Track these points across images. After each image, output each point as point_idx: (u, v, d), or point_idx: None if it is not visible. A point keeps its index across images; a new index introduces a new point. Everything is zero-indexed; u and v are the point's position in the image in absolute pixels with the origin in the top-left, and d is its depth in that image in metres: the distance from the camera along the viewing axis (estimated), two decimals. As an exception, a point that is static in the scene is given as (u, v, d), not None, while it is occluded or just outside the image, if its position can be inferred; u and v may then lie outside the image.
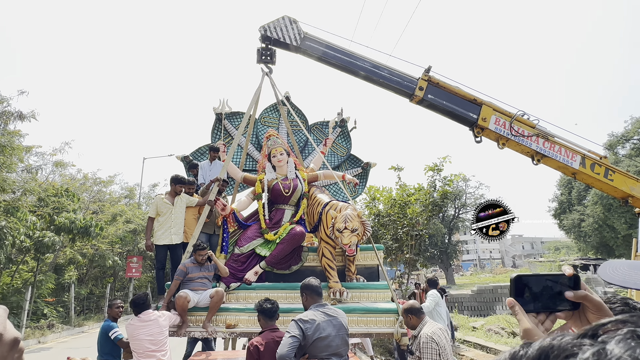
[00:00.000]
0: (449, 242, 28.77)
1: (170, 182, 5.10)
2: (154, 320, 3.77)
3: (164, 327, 3.82)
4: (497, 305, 16.66)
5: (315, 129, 6.40)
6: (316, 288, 2.98)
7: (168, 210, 4.97)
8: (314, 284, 3.01)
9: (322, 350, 2.68)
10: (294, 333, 2.64)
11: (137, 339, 3.68)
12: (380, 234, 11.52)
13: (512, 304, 0.78)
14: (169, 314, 4.03)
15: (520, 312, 0.77)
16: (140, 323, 3.74)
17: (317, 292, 2.98)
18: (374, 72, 5.86)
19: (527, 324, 0.76)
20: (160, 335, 3.74)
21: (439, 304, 5.93)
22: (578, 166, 5.76)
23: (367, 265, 5.07)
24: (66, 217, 12.17)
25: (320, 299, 2.98)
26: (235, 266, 4.79)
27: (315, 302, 2.93)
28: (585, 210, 22.52)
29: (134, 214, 17.76)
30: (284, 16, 5.71)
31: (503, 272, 35.33)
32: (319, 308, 2.87)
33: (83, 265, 15.91)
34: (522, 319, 0.77)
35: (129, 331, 3.75)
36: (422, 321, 3.32)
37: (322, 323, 2.74)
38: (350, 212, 4.31)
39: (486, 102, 5.88)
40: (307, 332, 2.66)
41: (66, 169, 15.39)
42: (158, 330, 3.74)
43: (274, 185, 5.23)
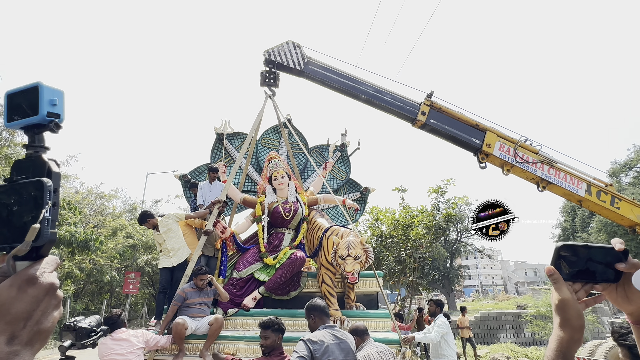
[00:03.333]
0: (450, 266, 28.37)
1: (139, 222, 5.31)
2: (125, 339, 3.60)
3: (136, 345, 3.63)
4: (500, 333, 16.27)
5: (315, 152, 6.41)
6: (324, 309, 2.93)
7: (162, 239, 5.05)
8: (321, 305, 2.95)
9: None
10: (302, 354, 2.57)
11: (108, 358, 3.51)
12: (383, 255, 11.38)
13: (552, 271, 0.80)
14: (144, 332, 3.85)
15: (559, 280, 0.79)
16: (112, 342, 3.58)
17: (325, 312, 2.92)
18: (376, 96, 5.89)
19: (566, 293, 0.78)
20: (131, 355, 3.56)
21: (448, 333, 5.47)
22: (584, 194, 5.67)
23: (367, 293, 4.98)
24: (67, 230, 12.14)
25: (328, 319, 2.92)
26: (234, 291, 4.71)
27: (324, 323, 2.86)
28: (590, 238, 22.24)
29: (134, 229, 17.71)
30: (287, 41, 5.79)
31: (506, 298, 34.56)
32: (328, 329, 2.79)
33: (80, 279, 15.76)
34: (561, 288, 0.78)
35: (101, 351, 3.55)
36: (363, 342, 3.24)
37: (331, 345, 2.67)
38: (352, 239, 4.25)
39: (489, 128, 5.87)
40: (315, 354, 2.58)
41: (70, 182, 15.49)
42: (130, 349, 3.57)
43: (274, 208, 5.19)
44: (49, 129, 0.66)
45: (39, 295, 0.59)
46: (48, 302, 0.60)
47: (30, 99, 0.65)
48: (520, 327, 16.48)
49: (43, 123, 0.65)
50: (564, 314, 0.77)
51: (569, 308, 0.77)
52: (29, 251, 0.58)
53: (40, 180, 0.61)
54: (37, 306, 0.59)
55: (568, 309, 0.77)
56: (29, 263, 0.60)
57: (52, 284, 0.60)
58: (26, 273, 0.59)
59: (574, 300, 0.78)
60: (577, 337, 0.76)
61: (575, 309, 0.77)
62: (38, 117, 0.64)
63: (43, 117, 0.64)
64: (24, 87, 0.66)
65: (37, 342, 0.59)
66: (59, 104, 0.66)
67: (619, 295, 0.80)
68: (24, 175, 0.63)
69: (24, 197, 0.60)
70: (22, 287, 0.58)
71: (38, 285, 0.59)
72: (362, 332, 3.29)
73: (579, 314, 0.77)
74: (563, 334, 0.76)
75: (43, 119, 0.64)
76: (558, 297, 0.78)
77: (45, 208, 0.59)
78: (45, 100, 0.64)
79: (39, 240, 0.58)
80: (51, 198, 0.61)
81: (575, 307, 0.77)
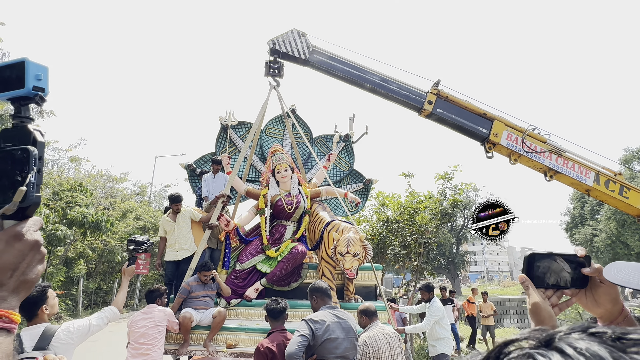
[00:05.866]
0: (457, 252, 28.46)
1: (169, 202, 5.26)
2: (150, 317, 3.80)
3: (158, 322, 3.81)
4: (505, 318, 16.41)
5: (319, 142, 6.37)
6: (326, 290, 3.02)
7: (171, 228, 5.10)
8: (323, 286, 3.04)
9: (330, 352, 2.70)
10: (304, 332, 2.67)
11: (133, 330, 3.75)
12: (389, 240, 11.46)
13: (523, 279, 0.86)
14: (169, 312, 4.02)
15: (531, 287, 0.84)
16: (142, 315, 3.83)
17: (326, 294, 3.01)
18: (382, 85, 5.81)
19: (537, 298, 0.83)
20: (152, 330, 3.74)
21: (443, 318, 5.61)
22: (592, 183, 5.61)
23: (366, 285, 5.05)
24: (78, 212, 12.39)
25: (330, 300, 3.02)
26: (236, 282, 4.82)
27: (325, 304, 2.96)
28: (598, 225, 22.04)
29: (144, 211, 18.00)
30: (292, 29, 5.69)
31: (511, 285, 34.71)
32: (329, 310, 2.89)
33: (92, 259, 16.19)
34: (531, 294, 0.84)
35: (131, 320, 3.83)
36: (370, 324, 3.29)
37: (332, 325, 2.76)
38: (352, 236, 4.31)
39: (496, 117, 5.78)
40: (316, 333, 2.68)
41: (81, 164, 15.73)
42: (152, 324, 3.76)
43: (277, 200, 5.24)
44: (34, 102, 0.71)
45: (24, 249, 0.66)
46: (32, 256, 0.67)
47: (17, 73, 0.68)
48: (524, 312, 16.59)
49: (29, 96, 0.69)
50: (536, 316, 0.83)
51: (540, 310, 0.81)
52: (15, 211, 0.65)
53: (26, 148, 0.66)
54: (23, 259, 0.65)
55: (540, 312, 0.81)
56: (16, 222, 0.66)
57: (36, 240, 0.67)
58: (13, 230, 0.65)
59: (544, 303, 0.83)
60: None
61: (546, 311, 0.82)
62: (24, 90, 0.68)
63: (29, 90, 0.68)
64: (11, 61, 0.70)
65: (22, 291, 0.67)
66: (43, 79, 0.70)
67: (588, 300, 0.86)
68: (11, 143, 0.67)
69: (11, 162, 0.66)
70: (9, 241, 0.65)
71: (24, 241, 0.65)
72: (370, 313, 3.35)
73: (551, 315, 0.82)
74: None
75: (29, 92, 0.68)
76: (530, 302, 0.83)
77: (31, 173, 0.65)
78: (31, 75, 0.68)
79: (25, 201, 0.64)
80: (36, 164, 0.66)
81: (546, 309, 0.82)
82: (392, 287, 17.10)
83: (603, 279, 0.84)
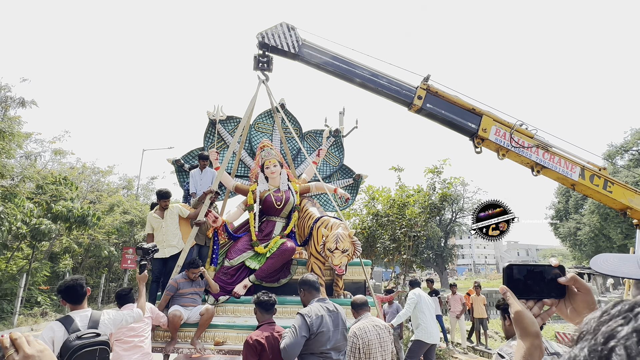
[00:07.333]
0: (445, 245, 28.81)
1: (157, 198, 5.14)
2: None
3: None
4: (491, 310, 16.70)
5: (309, 137, 6.33)
6: (314, 283, 3.01)
7: (159, 225, 5.00)
8: (311, 279, 3.03)
9: (322, 345, 2.71)
10: (304, 332, 2.65)
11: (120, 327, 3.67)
12: (378, 234, 11.53)
13: (504, 290, 0.88)
14: (151, 306, 3.95)
15: (512, 297, 0.86)
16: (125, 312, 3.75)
17: (314, 286, 3.00)
18: (372, 80, 5.78)
19: (518, 306, 0.84)
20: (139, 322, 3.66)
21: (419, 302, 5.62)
22: (577, 177, 5.72)
23: (355, 280, 5.07)
24: (64, 206, 12.12)
25: (318, 293, 3.01)
26: (225, 279, 4.78)
27: (314, 297, 2.96)
28: (582, 219, 22.51)
29: (131, 205, 17.73)
30: (282, 23, 5.60)
31: (498, 277, 35.35)
32: (320, 302, 2.89)
33: (79, 254, 15.92)
34: (513, 303, 0.85)
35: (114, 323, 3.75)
36: (360, 316, 3.30)
37: (325, 317, 2.78)
38: (341, 232, 4.30)
39: (485, 112, 5.83)
40: (312, 328, 2.69)
41: (65, 157, 15.37)
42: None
43: (266, 196, 5.19)
44: None
45: None
46: None
47: None
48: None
49: None
50: (520, 324, 0.84)
51: (523, 317, 0.83)
52: None
53: None
54: None
55: (523, 319, 0.83)
56: None
57: None
58: None
59: (526, 310, 0.84)
60: (536, 343, 0.81)
61: (528, 317, 0.83)
62: None
63: None
64: None
65: None
66: None
67: (568, 309, 0.88)
68: None
69: None
70: None
71: None
72: (358, 305, 3.35)
73: (533, 321, 0.83)
74: (524, 343, 0.82)
75: None
76: (512, 310, 0.85)
77: None
78: None
79: None
80: None
81: (528, 316, 0.83)
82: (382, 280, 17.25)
83: (579, 287, 0.86)
